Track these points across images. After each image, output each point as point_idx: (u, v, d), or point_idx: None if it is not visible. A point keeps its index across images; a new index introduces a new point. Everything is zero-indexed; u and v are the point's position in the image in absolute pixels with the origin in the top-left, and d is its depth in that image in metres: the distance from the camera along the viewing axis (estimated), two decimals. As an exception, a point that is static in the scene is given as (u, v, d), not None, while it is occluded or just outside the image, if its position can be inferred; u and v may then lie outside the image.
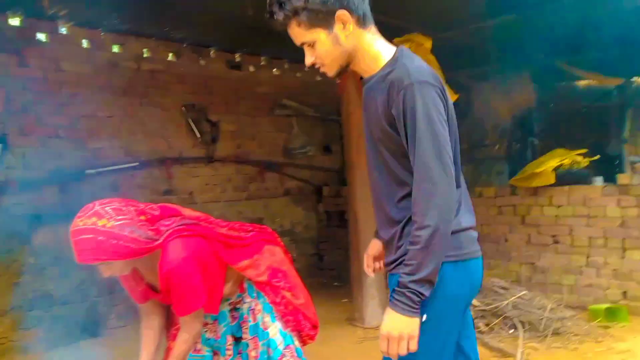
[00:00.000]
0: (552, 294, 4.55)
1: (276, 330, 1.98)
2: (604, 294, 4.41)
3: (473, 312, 3.98)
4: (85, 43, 4.41)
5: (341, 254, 5.83)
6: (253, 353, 1.96)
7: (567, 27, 4.32)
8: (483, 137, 6.49)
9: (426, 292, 1.35)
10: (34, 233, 3.90)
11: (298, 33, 1.47)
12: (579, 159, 4.67)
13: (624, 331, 3.87)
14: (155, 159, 4.74)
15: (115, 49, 4.60)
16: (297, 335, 2.05)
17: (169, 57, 4.95)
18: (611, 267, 4.39)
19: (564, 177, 4.60)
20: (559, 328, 3.79)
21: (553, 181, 4.57)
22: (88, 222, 1.65)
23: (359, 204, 4.14)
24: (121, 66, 4.57)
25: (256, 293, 2.01)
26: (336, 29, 1.45)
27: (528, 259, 4.82)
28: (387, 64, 1.48)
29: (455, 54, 4.67)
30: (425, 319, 1.40)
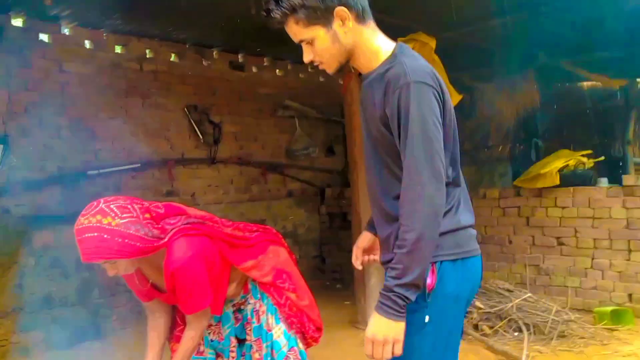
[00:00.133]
0: (557, 296, 4.54)
1: (280, 332, 1.96)
2: (609, 297, 4.38)
3: (477, 315, 3.96)
4: (87, 44, 4.40)
5: (344, 256, 5.80)
6: (257, 355, 1.94)
7: (572, 28, 4.30)
8: (486, 138, 6.46)
9: (412, 297, 1.33)
10: (35, 234, 3.89)
11: (296, 31, 1.44)
12: (584, 160, 4.64)
13: (630, 334, 3.84)
14: (157, 160, 4.72)
15: (117, 50, 4.60)
16: (301, 337, 2.03)
17: (172, 58, 4.94)
18: (616, 269, 4.35)
19: (569, 179, 4.57)
20: (564, 331, 3.76)
21: (558, 182, 4.54)
22: (93, 220, 1.62)
23: (362, 206, 4.12)
24: (124, 67, 4.57)
25: (260, 294, 1.99)
26: (335, 26, 1.42)
27: (532, 261, 4.79)
28: (386, 61, 1.45)
29: (458, 54, 4.65)
30: (427, 320, 1.38)
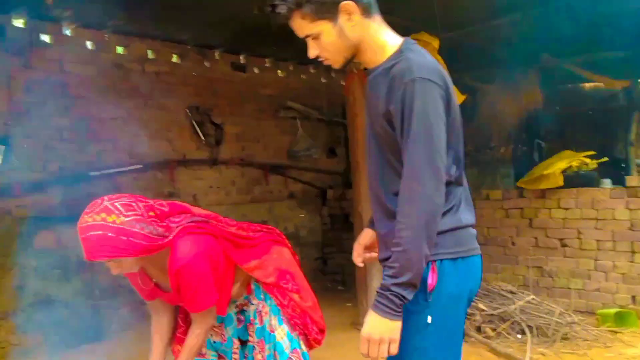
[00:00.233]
0: (560, 298, 4.51)
1: (283, 333, 1.94)
2: (613, 298, 4.36)
3: (480, 317, 3.94)
4: (89, 44, 4.40)
5: (345, 258, 5.75)
6: (259, 357, 1.92)
7: (574, 29, 4.28)
8: (489, 140, 6.44)
9: (409, 296, 1.32)
10: (36, 235, 3.87)
11: (302, 26, 1.42)
12: (588, 161, 4.62)
13: (634, 336, 3.82)
14: (159, 161, 4.71)
15: (119, 51, 4.59)
16: (304, 339, 2.01)
17: (174, 59, 4.94)
18: (620, 271, 4.33)
19: (572, 180, 4.55)
20: (568, 333, 3.74)
21: (561, 184, 4.52)
22: (97, 218, 1.60)
23: (364, 207, 4.10)
24: (125, 68, 4.56)
25: (263, 295, 1.97)
26: (341, 20, 1.40)
27: (535, 263, 4.76)
28: (392, 56, 1.43)
29: (460, 55, 4.64)
30: (430, 321, 1.37)
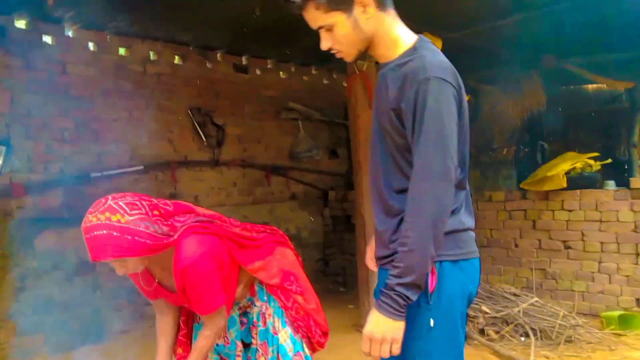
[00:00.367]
0: (563, 301, 4.49)
1: (287, 335, 1.92)
2: (617, 301, 4.33)
3: (484, 320, 3.92)
4: (91, 46, 4.39)
5: (347, 259, 5.77)
6: (262, 359, 1.90)
7: (577, 30, 4.27)
8: (491, 141, 6.42)
9: (413, 297, 1.31)
10: (37, 237, 3.86)
11: (315, 16, 1.39)
12: (592, 163, 4.60)
13: (638, 339, 3.80)
14: (160, 163, 4.70)
15: (121, 52, 4.58)
16: (307, 342, 1.99)
17: (175, 60, 4.93)
18: (624, 273, 4.30)
19: (575, 181, 4.53)
20: (571, 336, 3.72)
21: (565, 185, 4.49)
22: (102, 218, 1.57)
23: (367, 208, 4.09)
24: (127, 69, 4.55)
25: (267, 296, 1.95)
26: (356, 12, 1.38)
27: (539, 265, 4.73)
28: (406, 53, 1.41)
29: (462, 56, 4.61)
30: (432, 324, 1.36)
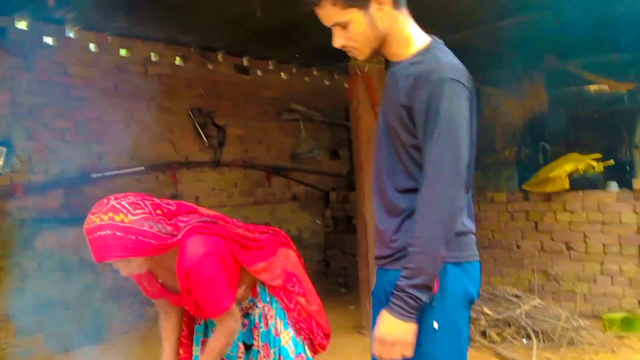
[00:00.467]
0: (566, 303, 4.46)
1: (288, 337, 1.91)
2: (619, 303, 4.32)
3: (485, 321, 3.90)
4: (92, 47, 4.39)
5: (348, 260, 5.76)
6: (263, 361, 1.89)
7: (579, 31, 4.25)
8: (493, 142, 6.41)
9: (424, 298, 1.30)
10: (38, 237, 3.86)
11: (331, 13, 1.38)
12: (594, 164, 4.58)
13: (641, 341, 3.78)
14: (161, 163, 4.70)
15: (122, 53, 4.58)
16: (309, 343, 1.97)
17: (177, 61, 4.93)
18: (626, 275, 4.29)
19: (578, 183, 4.51)
20: (574, 338, 3.69)
21: (567, 186, 4.47)
22: (105, 218, 1.55)
23: (368, 209, 4.07)
24: (128, 70, 4.55)
25: (269, 298, 1.93)
26: (372, 9, 1.37)
27: (541, 267, 4.72)
28: (418, 52, 1.40)
29: (464, 57, 4.60)
30: (437, 327, 1.34)
